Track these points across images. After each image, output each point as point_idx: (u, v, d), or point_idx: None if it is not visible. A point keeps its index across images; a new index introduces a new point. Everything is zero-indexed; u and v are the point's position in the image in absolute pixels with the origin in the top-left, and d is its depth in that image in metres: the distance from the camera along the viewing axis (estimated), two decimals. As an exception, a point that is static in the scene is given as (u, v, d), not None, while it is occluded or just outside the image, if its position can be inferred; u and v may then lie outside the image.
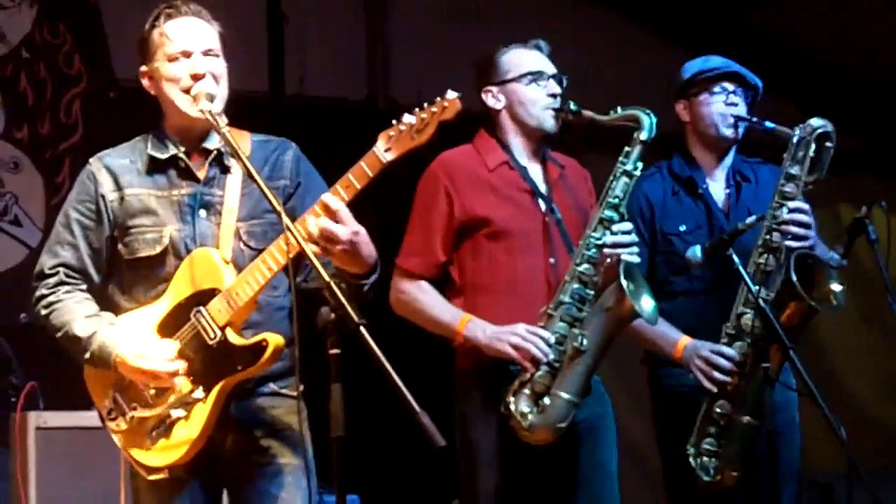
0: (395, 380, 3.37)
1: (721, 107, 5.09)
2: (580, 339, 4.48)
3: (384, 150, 3.77)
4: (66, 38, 7.16)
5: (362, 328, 3.43)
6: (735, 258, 4.64)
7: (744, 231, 4.70)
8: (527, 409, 4.48)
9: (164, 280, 4.06)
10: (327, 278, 3.52)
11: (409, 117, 3.75)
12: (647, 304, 4.52)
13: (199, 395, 3.97)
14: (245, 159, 3.83)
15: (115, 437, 4.11)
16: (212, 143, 4.14)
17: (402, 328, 4.76)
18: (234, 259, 4.03)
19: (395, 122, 3.77)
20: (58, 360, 4.16)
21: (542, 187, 4.73)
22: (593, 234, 4.55)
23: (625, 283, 4.44)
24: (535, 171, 4.76)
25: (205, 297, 3.99)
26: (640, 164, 4.63)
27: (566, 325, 4.52)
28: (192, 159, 4.13)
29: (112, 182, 4.13)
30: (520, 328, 4.50)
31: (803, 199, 4.90)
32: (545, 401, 4.47)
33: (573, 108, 4.68)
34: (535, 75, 4.73)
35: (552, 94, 4.71)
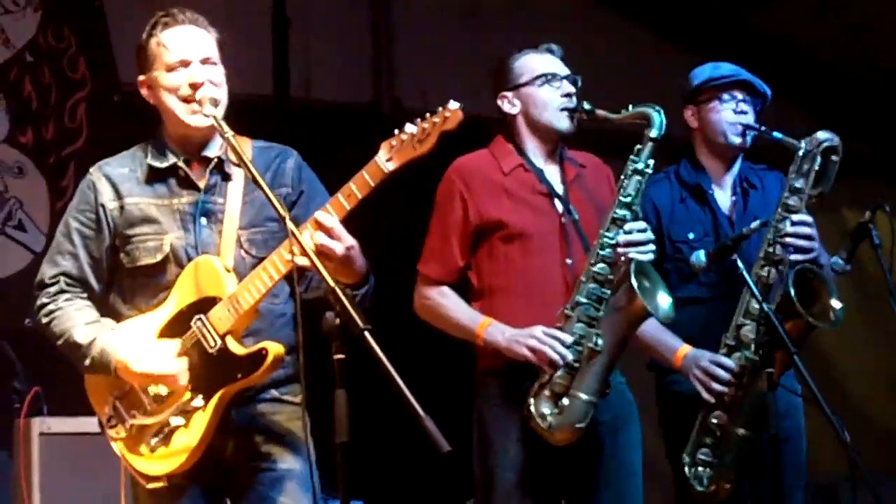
0: (399, 385, 3.37)
1: (730, 115, 5.09)
2: (595, 340, 4.50)
3: (386, 159, 3.76)
4: (71, 42, 7.16)
5: (367, 333, 3.43)
6: (739, 263, 4.64)
7: (748, 236, 4.70)
8: (547, 411, 4.51)
9: (165, 288, 4.07)
10: (332, 283, 3.52)
11: (410, 127, 3.75)
12: (663, 301, 4.53)
13: (198, 403, 3.97)
14: (251, 166, 3.83)
15: (114, 444, 4.11)
16: (212, 150, 4.14)
17: (424, 331, 4.82)
18: (235, 267, 4.03)
19: (396, 131, 3.77)
20: (62, 365, 4.16)
21: (558, 188, 4.75)
22: (607, 234, 4.57)
23: (635, 282, 4.44)
24: (552, 173, 4.78)
25: (206, 305, 3.99)
26: (651, 162, 4.64)
27: (584, 325, 4.54)
28: (191, 168, 4.13)
29: (112, 191, 4.13)
30: (537, 331, 4.52)
31: (807, 212, 4.90)
32: (564, 402, 4.50)
33: (586, 107, 4.71)
34: (549, 77, 4.75)
35: (566, 95, 4.73)
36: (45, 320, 4.13)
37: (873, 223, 5.02)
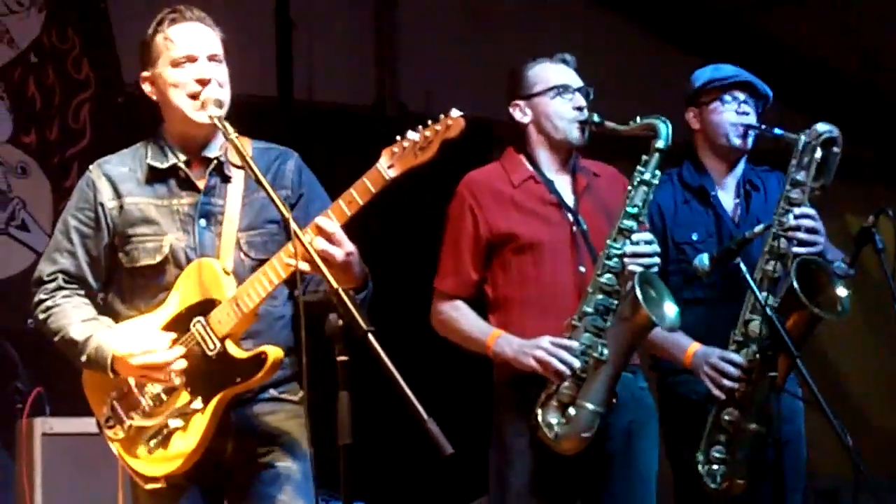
0: (402, 386, 3.37)
1: (732, 116, 5.09)
2: (600, 350, 4.51)
3: (387, 166, 3.75)
4: (75, 43, 7.15)
5: (370, 335, 3.42)
6: (742, 267, 4.64)
7: (751, 240, 4.70)
8: (554, 421, 4.52)
9: (165, 289, 4.05)
10: (335, 285, 3.51)
11: (412, 134, 3.73)
12: (669, 310, 4.53)
13: (197, 405, 3.95)
14: (255, 168, 3.81)
15: (112, 445, 4.10)
16: (212, 151, 4.13)
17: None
18: (234, 269, 4.02)
19: (398, 138, 3.76)
20: (64, 365, 4.14)
21: (569, 199, 4.76)
22: (614, 245, 4.57)
23: (639, 293, 4.44)
24: (563, 183, 4.78)
25: (205, 307, 3.97)
26: (658, 173, 4.65)
27: (591, 335, 4.55)
28: (191, 168, 4.11)
29: (111, 190, 4.11)
30: (544, 341, 4.54)
31: (810, 205, 4.90)
32: (570, 411, 4.52)
33: (596, 119, 4.71)
34: (561, 89, 4.76)
35: (578, 107, 4.74)
36: (42, 316, 4.12)
37: (876, 228, 5.02)
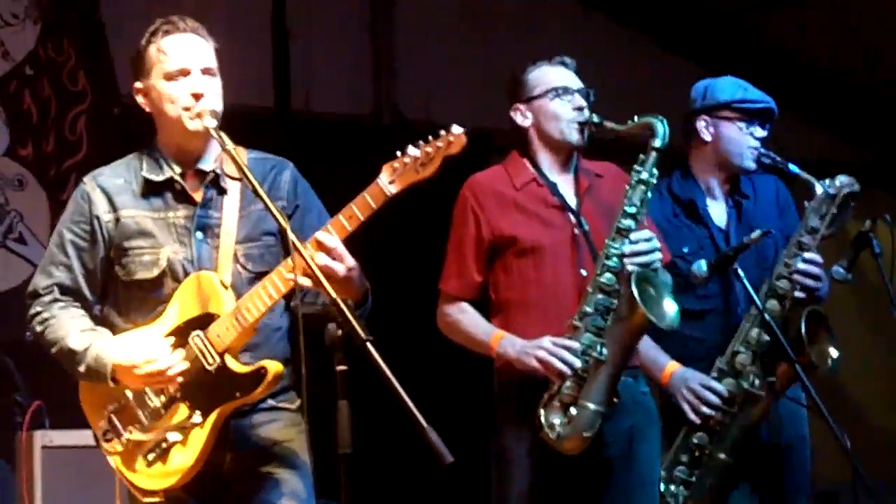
0: (402, 395, 3.37)
1: (751, 140, 5.05)
2: (599, 349, 4.52)
3: (388, 182, 3.75)
4: (71, 55, 7.15)
5: (369, 345, 3.42)
6: (740, 272, 4.66)
7: (748, 246, 4.71)
8: (556, 421, 4.53)
9: (162, 302, 4.02)
10: (334, 295, 3.51)
11: (413, 150, 3.73)
12: (669, 308, 4.53)
13: (196, 419, 3.94)
14: (253, 180, 3.79)
15: (110, 458, 4.07)
16: (207, 164, 4.10)
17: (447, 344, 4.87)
18: (232, 282, 4.00)
19: (399, 153, 3.75)
20: (64, 378, 4.13)
21: (571, 200, 4.77)
22: (612, 244, 4.58)
23: (636, 292, 4.45)
24: (566, 185, 4.80)
25: (204, 321, 3.95)
26: (655, 172, 4.65)
27: (591, 335, 4.56)
28: (187, 180, 4.08)
29: (107, 203, 4.08)
30: (545, 342, 4.55)
31: (817, 253, 4.92)
32: (572, 411, 4.52)
33: (595, 119, 4.73)
34: (561, 90, 4.77)
35: (578, 108, 4.75)
36: (38, 328, 4.09)
37: (874, 232, 5.03)
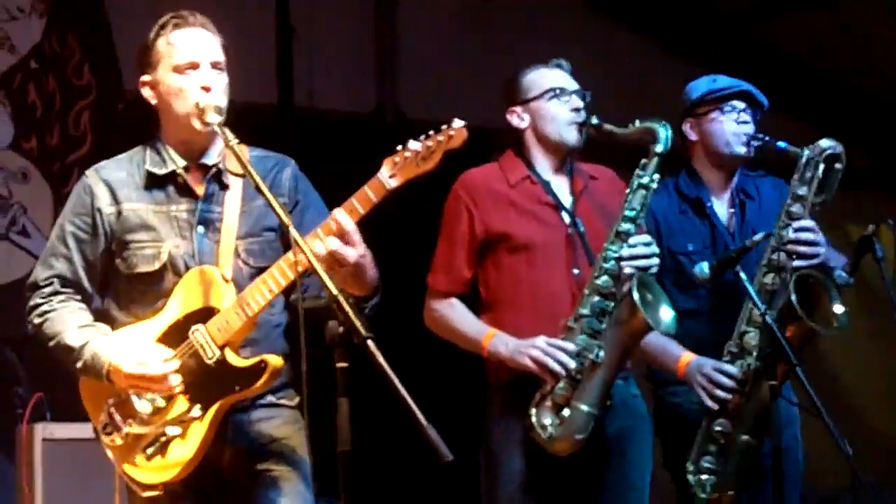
0: (401, 393, 3.36)
1: (733, 125, 5.08)
2: (596, 352, 4.51)
3: (389, 176, 3.74)
4: (76, 49, 7.15)
5: (370, 342, 3.41)
6: (742, 275, 4.65)
7: (751, 248, 4.71)
8: (548, 422, 4.52)
9: (163, 296, 4.03)
10: (335, 291, 3.50)
11: (414, 144, 3.72)
12: (665, 314, 4.53)
13: (196, 413, 3.94)
14: (256, 175, 3.79)
15: (109, 452, 4.07)
16: (210, 158, 4.10)
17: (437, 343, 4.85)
18: (233, 277, 4.00)
19: (400, 147, 3.75)
20: (64, 371, 4.13)
21: (566, 200, 4.76)
22: (611, 247, 4.58)
23: (637, 296, 4.45)
24: (560, 185, 4.79)
25: (204, 315, 3.96)
26: (656, 177, 4.65)
27: (586, 337, 4.55)
28: (190, 174, 4.09)
29: (109, 196, 4.09)
30: (539, 341, 4.54)
31: (810, 218, 4.89)
32: (565, 413, 4.51)
33: (594, 122, 4.73)
34: (558, 91, 4.77)
35: (575, 109, 4.75)
36: (37, 321, 4.10)
37: (876, 236, 5.03)
